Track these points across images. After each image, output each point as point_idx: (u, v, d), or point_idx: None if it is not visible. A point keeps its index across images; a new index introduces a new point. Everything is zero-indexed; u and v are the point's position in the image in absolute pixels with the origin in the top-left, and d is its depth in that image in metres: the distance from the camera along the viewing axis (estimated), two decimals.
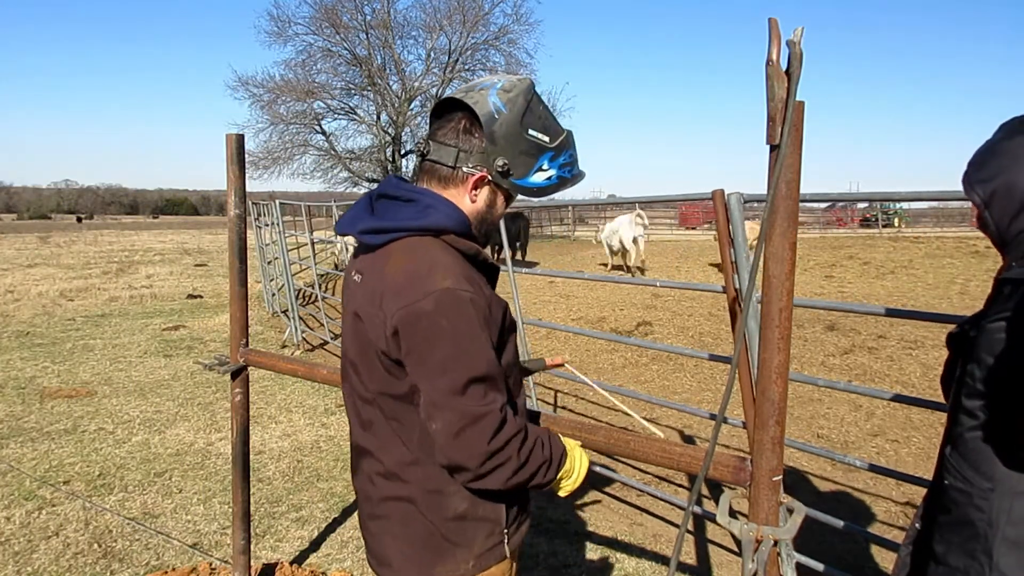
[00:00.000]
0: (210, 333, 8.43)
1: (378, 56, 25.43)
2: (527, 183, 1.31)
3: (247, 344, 2.50)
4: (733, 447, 4.85)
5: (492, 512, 1.31)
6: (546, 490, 1.32)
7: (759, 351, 1.16)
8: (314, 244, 9.02)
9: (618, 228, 15.51)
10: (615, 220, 16.17)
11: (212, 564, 2.95)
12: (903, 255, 15.42)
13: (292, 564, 3.00)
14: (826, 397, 5.92)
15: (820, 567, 2.58)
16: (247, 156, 5.19)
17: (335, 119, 26.66)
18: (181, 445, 4.45)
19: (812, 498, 4.04)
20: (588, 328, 8.43)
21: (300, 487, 3.88)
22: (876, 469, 2.87)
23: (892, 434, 5.12)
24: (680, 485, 4.28)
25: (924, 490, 1.47)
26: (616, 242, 15.62)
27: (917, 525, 1.44)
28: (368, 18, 24.68)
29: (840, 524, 2.66)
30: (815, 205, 29.79)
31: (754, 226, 14.57)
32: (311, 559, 3.10)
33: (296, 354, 7.71)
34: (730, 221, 2.55)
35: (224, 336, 7.97)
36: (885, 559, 3.35)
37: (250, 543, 2.63)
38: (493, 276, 1.37)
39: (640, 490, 3.78)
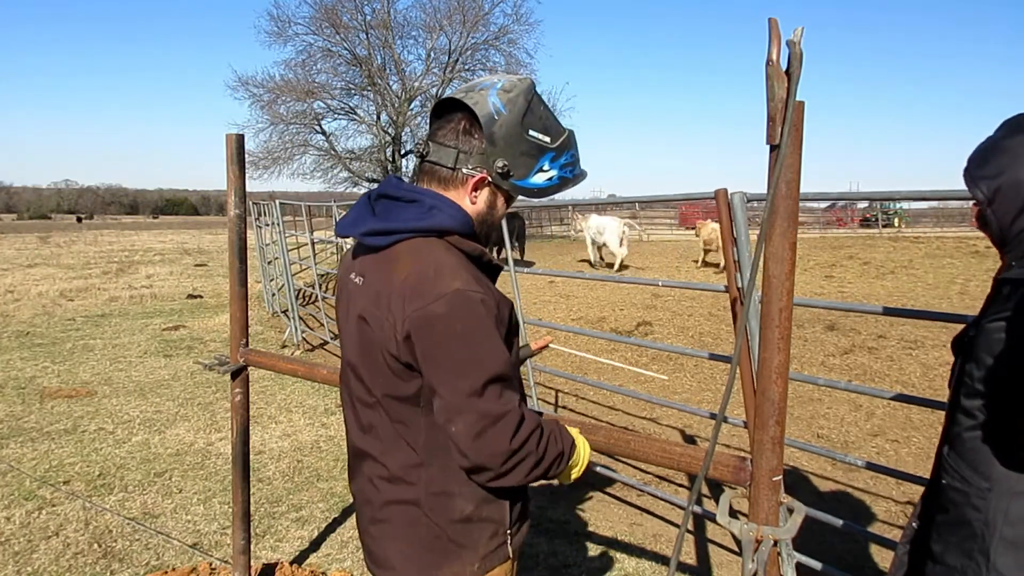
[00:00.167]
0: (210, 333, 8.43)
1: (378, 56, 25.43)
2: (528, 184, 1.29)
3: (247, 344, 2.50)
4: (733, 447, 4.85)
5: (496, 513, 1.31)
6: (555, 479, 1.32)
7: (759, 350, 1.16)
8: (314, 244, 9.02)
9: (605, 229, 16.01)
10: (602, 218, 16.61)
11: (212, 564, 2.95)
12: (903, 255, 15.43)
13: (292, 564, 3.00)
14: (826, 397, 5.92)
15: (820, 567, 2.59)
16: (247, 156, 5.19)
17: (335, 119, 26.66)
18: (181, 445, 4.45)
19: (812, 498, 4.04)
20: (588, 328, 8.43)
21: (300, 487, 3.88)
22: (876, 468, 2.87)
23: (892, 434, 5.11)
24: (680, 485, 4.28)
25: (924, 490, 1.47)
26: (601, 240, 16.14)
27: (914, 524, 1.44)
28: (368, 18, 24.66)
29: (840, 524, 2.66)
30: (815, 205, 29.83)
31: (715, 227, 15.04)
32: (311, 559, 3.10)
33: (296, 354, 7.71)
34: (733, 220, 2.55)
35: (224, 336, 7.97)
36: (885, 559, 3.35)
37: (250, 543, 2.63)
38: (494, 277, 1.36)
39: (640, 490, 3.77)
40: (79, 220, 68.47)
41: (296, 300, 8.38)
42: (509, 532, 1.34)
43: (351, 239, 1.37)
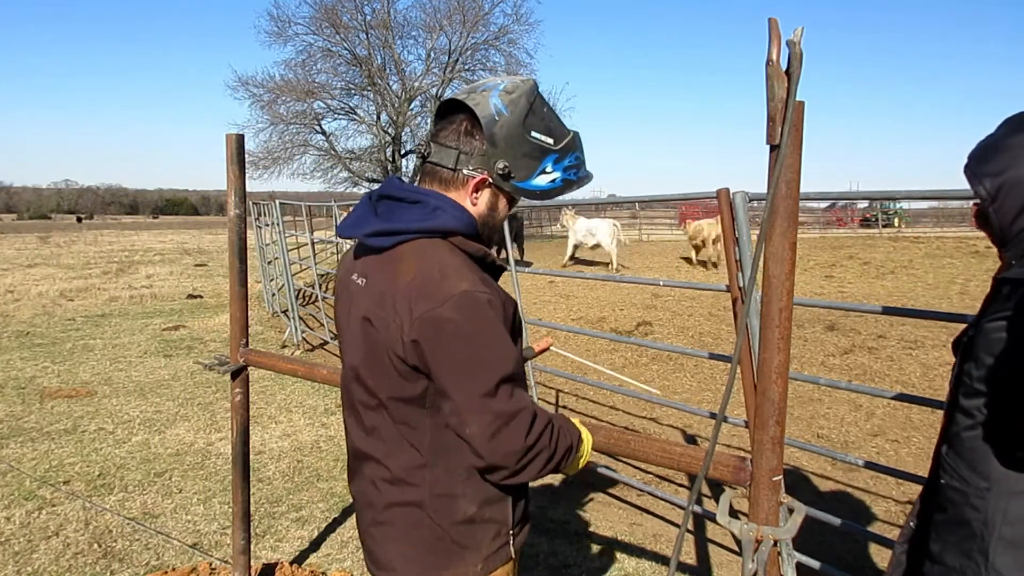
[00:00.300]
0: (210, 333, 8.43)
1: (378, 56, 25.41)
2: (530, 186, 1.29)
3: (247, 344, 2.50)
4: (733, 447, 4.85)
5: (499, 513, 1.31)
6: (563, 469, 1.32)
7: (759, 350, 1.16)
8: (314, 244, 9.02)
9: (596, 231, 16.49)
10: (590, 220, 17.10)
11: (212, 564, 2.95)
12: (903, 255, 15.43)
13: (292, 564, 3.00)
14: (826, 397, 5.92)
15: (820, 567, 2.59)
16: (247, 156, 5.19)
17: (335, 119, 26.64)
18: (181, 445, 4.45)
19: (812, 498, 4.04)
20: (588, 328, 8.43)
21: (300, 487, 3.88)
22: (876, 468, 2.87)
23: (892, 434, 5.12)
24: (680, 485, 4.28)
25: (922, 489, 1.47)
26: (592, 242, 16.53)
27: (912, 523, 1.44)
28: (368, 18, 24.65)
29: (840, 523, 2.66)
30: (815, 205, 29.79)
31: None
32: (311, 559, 3.10)
33: (296, 354, 7.71)
34: (735, 220, 2.55)
35: (224, 336, 7.97)
36: (885, 559, 3.35)
37: (250, 543, 2.63)
38: (497, 277, 1.36)
39: (640, 490, 3.77)
40: (79, 220, 68.49)
41: (296, 300, 8.38)
42: (512, 533, 1.34)
43: (350, 240, 1.37)
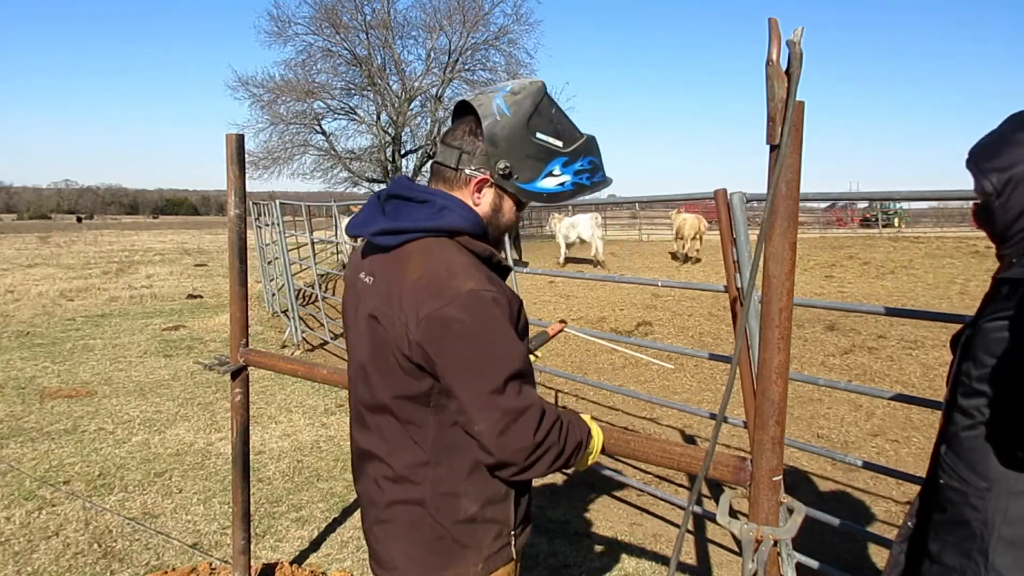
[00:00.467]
0: (210, 333, 8.43)
1: (378, 56, 25.40)
2: (535, 188, 1.28)
3: (247, 344, 2.50)
4: (733, 447, 4.85)
5: (501, 513, 1.31)
6: (572, 465, 1.32)
7: (759, 350, 1.16)
8: (314, 244, 9.02)
9: (577, 224, 17.08)
10: (574, 217, 17.74)
11: (212, 564, 2.95)
12: (903, 255, 15.42)
13: (292, 564, 3.00)
14: (826, 397, 5.92)
15: (820, 567, 2.58)
16: (247, 156, 5.19)
17: (335, 119, 26.63)
18: (181, 445, 4.45)
19: (812, 498, 4.04)
20: (588, 328, 8.43)
21: (300, 487, 3.88)
22: (875, 468, 2.87)
23: (892, 434, 5.11)
24: (680, 485, 4.28)
25: (920, 489, 1.47)
26: (574, 236, 17.06)
27: (910, 523, 1.44)
28: (368, 18, 24.64)
29: (839, 524, 2.66)
30: (815, 205, 29.77)
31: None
32: (311, 559, 3.10)
33: (296, 354, 7.70)
34: (732, 220, 2.55)
35: (224, 336, 7.97)
36: (885, 559, 3.33)
37: (250, 543, 2.63)
38: (504, 277, 1.36)
39: (640, 490, 3.77)
40: (79, 220, 68.51)
41: (296, 300, 8.38)
42: (513, 533, 1.34)
43: (358, 239, 1.37)
